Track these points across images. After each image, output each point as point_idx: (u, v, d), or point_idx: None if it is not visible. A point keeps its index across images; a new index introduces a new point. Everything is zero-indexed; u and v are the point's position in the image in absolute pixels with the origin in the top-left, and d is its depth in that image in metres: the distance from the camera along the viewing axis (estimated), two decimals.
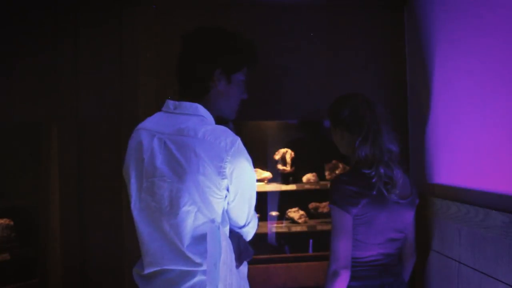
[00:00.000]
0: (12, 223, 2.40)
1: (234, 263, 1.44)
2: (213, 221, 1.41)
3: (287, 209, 2.90)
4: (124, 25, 2.28)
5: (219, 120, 1.56)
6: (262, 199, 2.96)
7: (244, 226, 1.51)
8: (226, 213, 1.47)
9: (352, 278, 1.67)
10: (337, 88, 2.28)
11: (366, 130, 1.76)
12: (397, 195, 1.72)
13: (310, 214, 2.92)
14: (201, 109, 1.49)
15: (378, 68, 2.37)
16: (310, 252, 2.77)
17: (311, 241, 2.82)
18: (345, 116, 1.81)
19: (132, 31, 2.28)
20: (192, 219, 1.40)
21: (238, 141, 1.42)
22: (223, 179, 1.39)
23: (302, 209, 2.89)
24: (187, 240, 1.41)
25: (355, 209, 1.66)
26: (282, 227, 2.81)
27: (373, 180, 1.70)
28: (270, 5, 2.35)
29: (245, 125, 2.92)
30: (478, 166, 1.70)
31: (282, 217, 2.93)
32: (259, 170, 2.90)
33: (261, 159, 2.98)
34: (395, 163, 1.78)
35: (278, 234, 2.84)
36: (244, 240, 1.53)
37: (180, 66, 1.55)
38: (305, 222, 2.82)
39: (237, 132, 1.50)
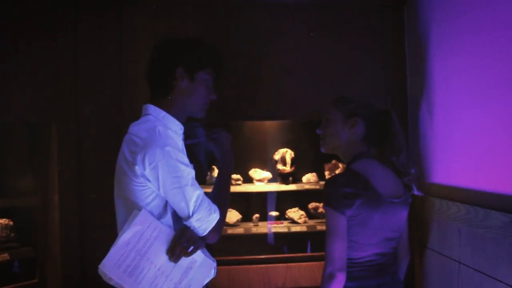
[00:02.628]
0: (12, 223, 2.40)
1: (155, 253, 1.48)
2: (139, 208, 1.50)
3: (287, 209, 2.90)
4: (124, 25, 2.29)
5: (188, 121, 1.67)
6: (262, 199, 2.96)
7: (189, 217, 1.50)
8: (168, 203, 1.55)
9: (348, 278, 1.66)
10: (337, 88, 2.29)
11: (380, 135, 1.81)
12: (390, 196, 1.73)
13: (310, 214, 2.91)
14: (150, 108, 1.61)
15: (378, 68, 2.37)
16: (309, 253, 2.76)
17: (309, 242, 2.82)
18: (371, 113, 1.81)
19: (132, 31, 2.28)
20: (123, 211, 1.57)
21: (155, 130, 1.50)
22: (134, 164, 1.48)
23: (302, 209, 2.89)
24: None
25: (349, 211, 1.66)
26: (282, 227, 2.81)
27: None
28: (270, 5, 2.35)
29: (245, 125, 2.92)
30: (478, 166, 1.70)
31: (282, 217, 2.93)
32: (259, 170, 2.90)
33: (261, 159, 2.98)
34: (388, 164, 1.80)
35: (278, 234, 2.83)
36: (190, 236, 1.50)
37: (147, 72, 1.66)
38: (305, 222, 2.82)
39: (236, 132, 1.51)
